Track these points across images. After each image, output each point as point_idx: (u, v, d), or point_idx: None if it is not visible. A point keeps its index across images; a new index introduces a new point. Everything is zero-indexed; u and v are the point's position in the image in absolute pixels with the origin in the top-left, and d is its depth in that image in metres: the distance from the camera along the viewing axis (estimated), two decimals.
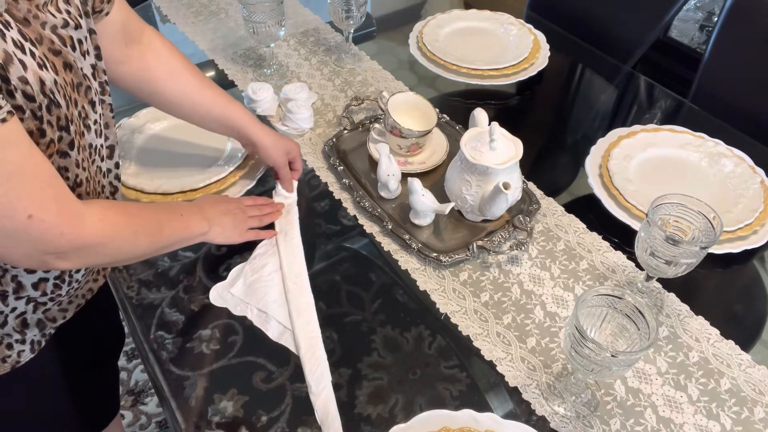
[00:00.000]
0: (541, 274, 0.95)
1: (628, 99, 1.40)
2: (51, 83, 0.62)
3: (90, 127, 0.72)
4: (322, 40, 1.47)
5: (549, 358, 0.84)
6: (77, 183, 0.71)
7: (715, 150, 1.14)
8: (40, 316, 0.78)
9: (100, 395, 1.05)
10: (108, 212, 0.70)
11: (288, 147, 1.04)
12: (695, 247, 0.80)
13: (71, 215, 0.64)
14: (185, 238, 0.84)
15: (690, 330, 0.88)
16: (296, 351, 0.83)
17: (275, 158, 1.02)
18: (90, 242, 0.67)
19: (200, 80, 0.96)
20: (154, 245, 0.78)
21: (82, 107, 0.70)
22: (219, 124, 0.99)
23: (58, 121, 0.64)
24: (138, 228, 0.74)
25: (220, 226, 0.89)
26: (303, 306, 0.88)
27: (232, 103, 0.99)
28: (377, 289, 0.94)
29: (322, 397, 0.78)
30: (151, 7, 1.62)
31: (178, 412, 0.78)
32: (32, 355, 0.79)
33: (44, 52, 0.62)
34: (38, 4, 0.62)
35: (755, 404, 0.80)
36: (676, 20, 2.07)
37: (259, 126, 1.01)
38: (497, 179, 0.92)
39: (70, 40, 0.66)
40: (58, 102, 0.63)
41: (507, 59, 1.36)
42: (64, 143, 0.66)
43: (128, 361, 1.79)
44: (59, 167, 0.67)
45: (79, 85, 0.69)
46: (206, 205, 0.90)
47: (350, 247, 1.00)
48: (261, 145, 1.00)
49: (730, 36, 1.38)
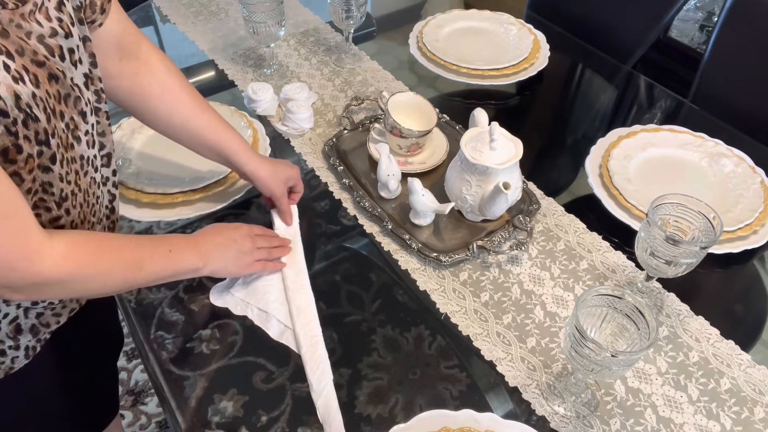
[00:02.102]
0: (541, 274, 0.95)
1: (628, 99, 1.40)
2: (28, 96, 0.59)
3: (80, 138, 0.70)
4: (322, 40, 1.47)
5: (549, 358, 0.84)
6: (63, 197, 0.68)
7: (715, 150, 1.14)
8: (34, 322, 0.76)
9: (99, 398, 1.03)
10: (75, 249, 0.66)
11: (287, 175, 0.97)
12: (695, 247, 0.80)
13: (28, 251, 0.61)
14: (171, 275, 0.79)
15: (690, 330, 0.88)
16: (297, 350, 0.84)
17: (273, 190, 0.95)
18: (47, 279, 0.64)
19: (196, 103, 0.91)
20: (130, 283, 0.74)
21: (71, 118, 0.67)
22: (212, 152, 0.94)
23: (36, 135, 0.61)
24: (109, 267, 0.70)
25: (219, 260, 0.83)
26: (303, 305, 0.88)
27: (228, 130, 0.93)
28: (377, 289, 0.94)
29: (323, 396, 0.78)
30: (151, 7, 1.62)
31: (178, 412, 0.78)
32: (27, 360, 0.78)
33: (24, 64, 0.59)
34: (23, 13, 0.60)
35: (755, 404, 0.80)
36: (676, 20, 2.06)
37: (255, 157, 0.94)
38: (497, 179, 0.92)
39: (59, 49, 0.64)
40: (36, 116, 0.60)
41: (507, 59, 1.36)
42: (45, 158, 0.63)
43: (128, 361, 1.79)
44: (42, 183, 0.64)
45: (66, 96, 0.66)
46: (203, 239, 0.83)
47: (350, 247, 1.00)
48: (256, 178, 0.94)
49: (730, 36, 1.38)
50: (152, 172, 1.05)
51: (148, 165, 1.07)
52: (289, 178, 0.97)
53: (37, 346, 0.79)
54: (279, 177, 0.95)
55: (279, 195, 0.96)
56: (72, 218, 0.71)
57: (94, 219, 0.77)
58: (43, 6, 0.62)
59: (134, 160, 1.08)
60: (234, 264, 0.85)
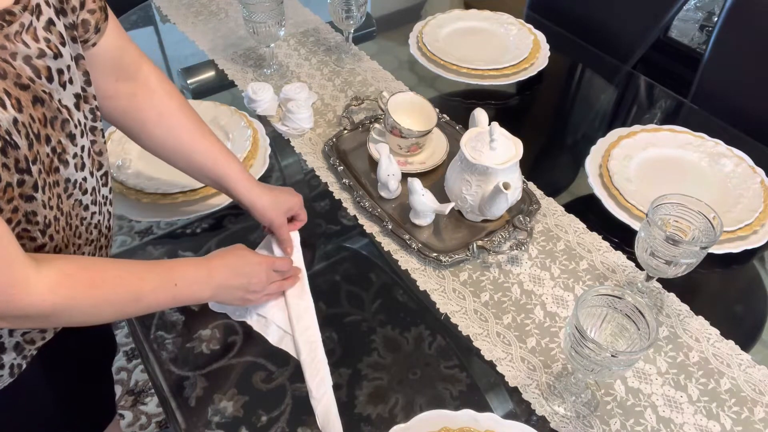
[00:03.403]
0: (541, 274, 0.95)
1: (628, 99, 1.40)
2: (8, 123, 0.56)
3: (68, 161, 0.67)
4: (322, 40, 1.47)
5: (549, 358, 0.84)
6: (47, 224, 0.65)
7: (715, 150, 1.14)
8: (18, 339, 0.73)
9: (94, 404, 1.00)
10: (65, 281, 0.62)
11: (288, 205, 0.92)
12: (695, 247, 0.80)
13: (11, 283, 0.58)
14: (173, 305, 0.76)
15: (690, 330, 0.88)
16: (296, 356, 0.83)
17: (272, 219, 0.90)
18: (31, 312, 0.61)
19: (195, 128, 0.87)
20: (125, 314, 0.71)
21: (58, 142, 0.65)
22: (210, 179, 0.89)
23: (16, 163, 0.58)
24: (101, 301, 0.66)
25: (227, 297, 0.81)
26: (302, 310, 0.87)
27: (227, 158, 0.88)
28: (377, 289, 0.94)
29: (323, 403, 0.78)
30: (151, 7, 1.62)
31: (178, 412, 0.78)
32: (11, 379, 0.74)
33: (6, 87, 0.57)
34: (8, 34, 0.57)
35: (755, 404, 0.80)
36: (676, 20, 2.06)
37: (255, 187, 0.89)
38: (497, 179, 0.92)
39: (46, 70, 0.62)
40: (16, 143, 0.58)
41: (507, 59, 1.36)
42: (27, 186, 0.60)
43: (128, 361, 1.79)
44: (26, 212, 0.62)
45: (53, 119, 0.64)
46: (219, 273, 0.78)
47: (350, 247, 1.00)
48: (255, 209, 0.89)
49: (730, 36, 1.38)
50: (152, 172, 1.05)
51: (148, 165, 1.07)
52: (290, 208, 0.93)
53: (23, 363, 0.75)
54: (279, 207, 0.91)
55: (278, 225, 0.91)
56: (56, 243, 0.69)
57: (80, 241, 0.74)
58: (30, 26, 0.60)
59: (134, 160, 1.07)
60: (240, 300, 0.83)
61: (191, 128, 0.86)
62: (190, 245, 0.99)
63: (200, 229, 1.02)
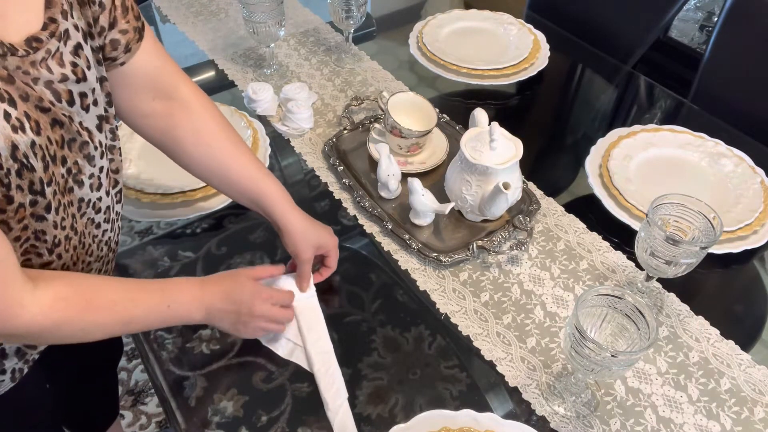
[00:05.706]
0: (541, 274, 0.95)
1: (628, 99, 1.40)
2: (26, 146, 0.57)
3: (83, 182, 0.68)
4: (322, 40, 1.47)
5: (549, 358, 0.84)
6: (55, 243, 0.66)
7: (715, 150, 1.14)
8: (19, 345, 0.74)
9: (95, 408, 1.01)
10: (58, 305, 0.62)
11: (320, 241, 0.87)
12: (695, 247, 0.80)
13: (7, 303, 0.58)
14: (164, 326, 0.76)
15: (690, 330, 0.88)
16: (309, 368, 0.82)
17: (300, 250, 0.85)
18: (21, 333, 0.61)
19: (232, 147, 0.84)
20: (114, 335, 0.70)
21: (74, 162, 0.66)
22: (247, 199, 0.86)
23: (31, 185, 0.59)
24: (93, 325, 0.66)
25: (219, 321, 0.78)
26: (313, 322, 0.86)
27: (267, 178, 0.85)
28: (377, 289, 0.94)
29: (339, 415, 0.77)
30: (151, 7, 1.62)
31: (178, 412, 0.78)
32: (13, 384, 0.75)
33: (26, 110, 0.57)
34: (34, 61, 0.58)
35: (755, 404, 0.80)
36: (676, 20, 2.06)
37: (294, 212, 0.85)
38: (497, 179, 0.92)
39: (67, 94, 0.62)
40: (32, 166, 0.58)
41: (507, 59, 1.36)
42: (39, 207, 0.61)
43: (128, 361, 1.79)
44: (35, 231, 0.63)
45: (71, 141, 0.64)
46: (211, 297, 0.75)
47: (350, 247, 1.00)
48: (287, 232, 0.84)
49: (730, 36, 1.38)
50: (152, 172, 1.05)
51: (148, 165, 1.07)
52: (321, 245, 0.88)
53: (25, 368, 0.76)
54: (310, 238, 0.85)
55: (303, 258, 0.85)
56: (64, 261, 0.69)
57: (91, 258, 0.74)
58: (57, 52, 0.60)
59: (134, 160, 1.08)
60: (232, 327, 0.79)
61: (228, 147, 0.84)
62: (190, 245, 0.99)
63: (200, 229, 1.02)
